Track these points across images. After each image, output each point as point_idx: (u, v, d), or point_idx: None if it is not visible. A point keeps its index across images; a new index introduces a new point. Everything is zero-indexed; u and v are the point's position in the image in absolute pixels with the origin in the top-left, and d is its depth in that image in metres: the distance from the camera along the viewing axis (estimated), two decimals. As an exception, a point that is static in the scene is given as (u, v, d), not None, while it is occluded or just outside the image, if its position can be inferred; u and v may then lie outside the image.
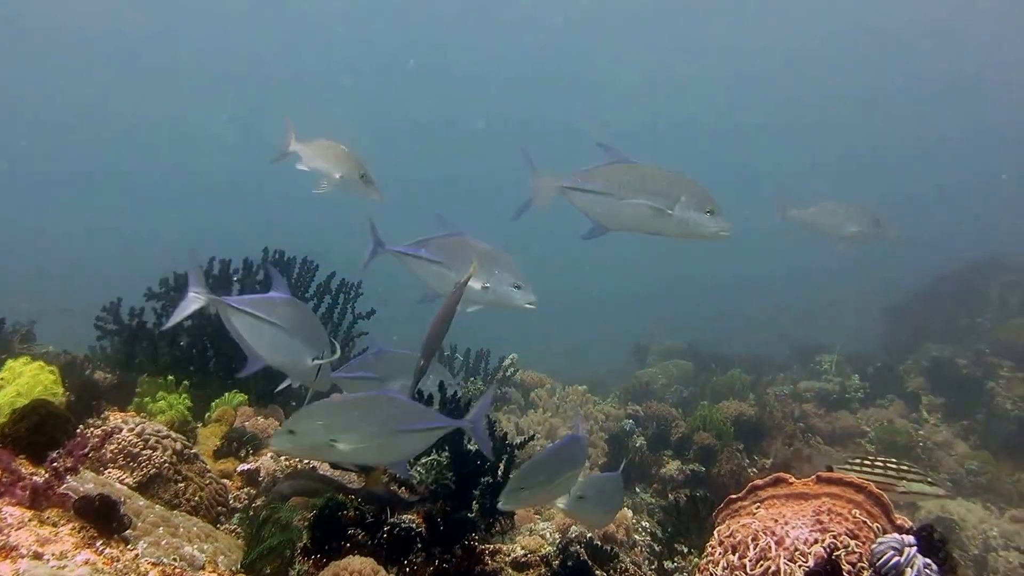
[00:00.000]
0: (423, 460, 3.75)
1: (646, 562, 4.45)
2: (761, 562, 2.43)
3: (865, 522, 2.44)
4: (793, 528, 2.49)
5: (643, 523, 5.46)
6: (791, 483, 2.73)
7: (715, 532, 2.81)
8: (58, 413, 2.80)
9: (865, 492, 2.51)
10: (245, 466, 3.81)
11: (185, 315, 3.24)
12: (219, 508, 3.40)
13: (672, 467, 6.59)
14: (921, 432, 8.66)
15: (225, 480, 3.74)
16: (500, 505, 3.03)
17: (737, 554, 2.54)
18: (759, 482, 2.82)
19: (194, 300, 3.13)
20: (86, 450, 2.76)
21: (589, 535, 4.05)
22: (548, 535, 3.81)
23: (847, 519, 2.46)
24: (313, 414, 2.70)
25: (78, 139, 39.69)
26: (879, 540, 2.29)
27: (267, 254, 4.79)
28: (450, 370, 7.62)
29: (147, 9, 34.74)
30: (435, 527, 3.24)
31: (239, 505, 3.55)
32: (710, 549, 2.73)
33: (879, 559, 2.24)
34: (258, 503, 3.28)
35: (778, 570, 2.39)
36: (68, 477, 2.66)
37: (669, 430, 7.31)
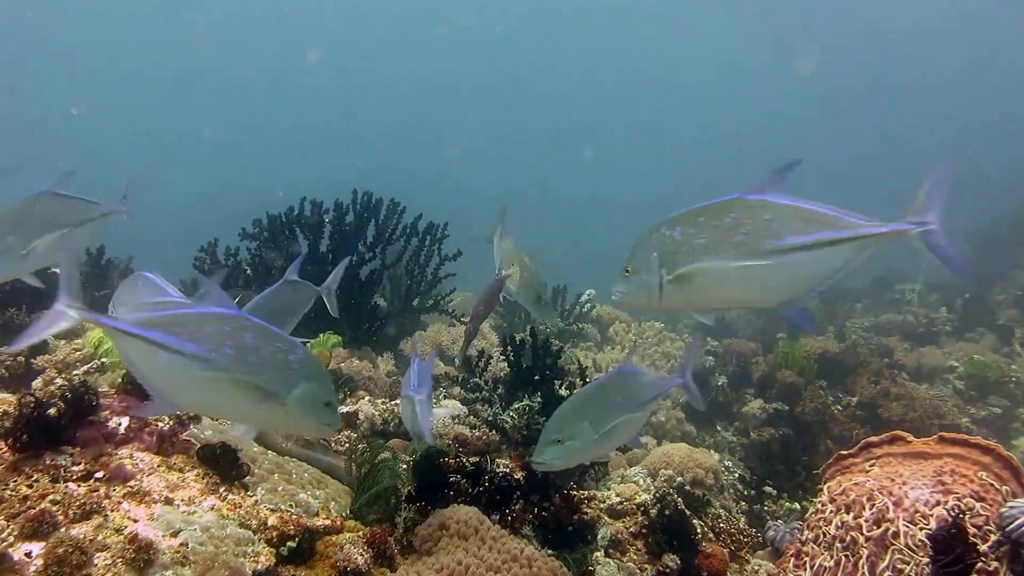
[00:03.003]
0: (515, 406, 3.78)
1: (735, 505, 4.44)
2: (879, 523, 2.38)
3: (992, 484, 2.35)
4: (912, 489, 2.43)
5: (726, 462, 5.45)
6: (909, 441, 2.65)
7: (824, 488, 2.77)
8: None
9: (994, 454, 2.42)
10: (343, 408, 3.89)
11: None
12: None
13: (754, 405, 6.52)
14: (1014, 367, 8.32)
15: (325, 423, 3.83)
16: (534, 465, 2.49)
17: (852, 513, 2.50)
18: (874, 439, 2.74)
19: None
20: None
21: (678, 480, 4.05)
22: (641, 481, 3.82)
23: (972, 481, 2.38)
24: (639, 247, 2.11)
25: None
26: (1011, 504, 2.21)
27: (356, 196, 4.80)
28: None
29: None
30: (533, 475, 3.27)
31: (340, 449, 3.64)
32: (820, 506, 2.69)
33: (1010, 523, 2.16)
34: (361, 449, 3.35)
35: (897, 532, 2.34)
36: (190, 424, 2.75)
37: (750, 367, 7.22)
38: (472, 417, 3.99)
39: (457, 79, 40.79)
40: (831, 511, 2.58)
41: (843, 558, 2.42)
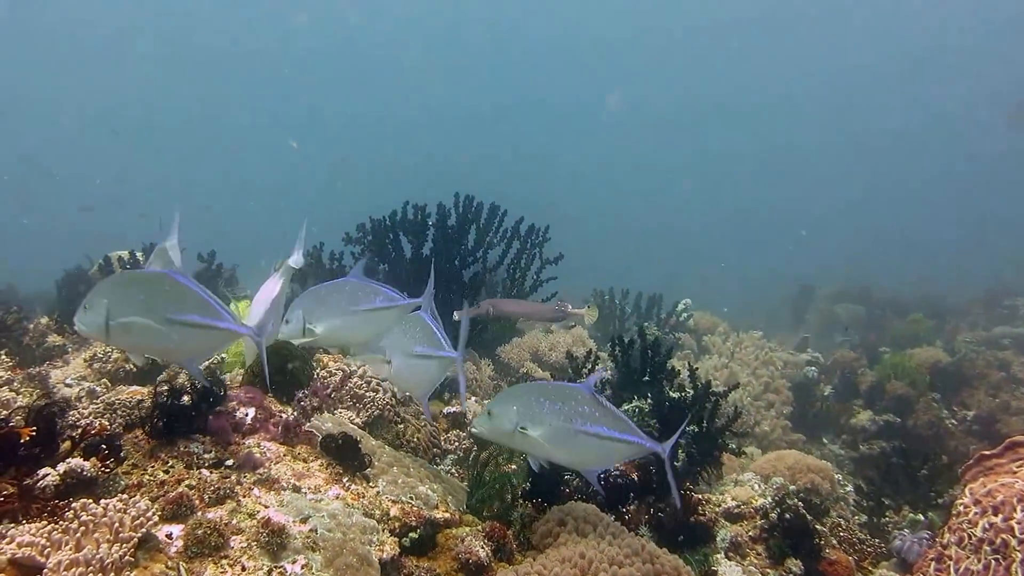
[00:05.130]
0: (624, 407, 3.72)
1: (852, 516, 4.25)
2: (1034, 526, 2.23)
3: None
4: (1070, 490, 2.26)
5: (835, 476, 5.23)
6: (1062, 441, 2.47)
7: (966, 490, 2.61)
8: (299, 354, 2.95)
9: None
10: (450, 408, 3.92)
11: None
12: (434, 450, 3.52)
13: (863, 417, 6.24)
14: None
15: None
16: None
17: (1001, 515, 2.34)
18: (1020, 439, 2.58)
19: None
20: (329, 390, 2.90)
21: (792, 487, 3.91)
22: (756, 486, 3.70)
23: None
24: (509, 396, 2.54)
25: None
26: None
27: (458, 199, 4.85)
28: (621, 316, 7.54)
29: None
30: (648, 475, 3.21)
31: (449, 447, 3.66)
32: (963, 508, 2.53)
33: None
34: (475, 449, 3.37)
35: (1056, 535, 2.18)
36: (312, 416, 2.81)
37: (855, 378, 6.94)
38: (578, 419, 3.94)
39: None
40: (975, 513, 2.43)
41: (992, 561, 2.27)
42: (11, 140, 31.87)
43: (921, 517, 3.94)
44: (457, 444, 3.68)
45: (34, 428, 2.28)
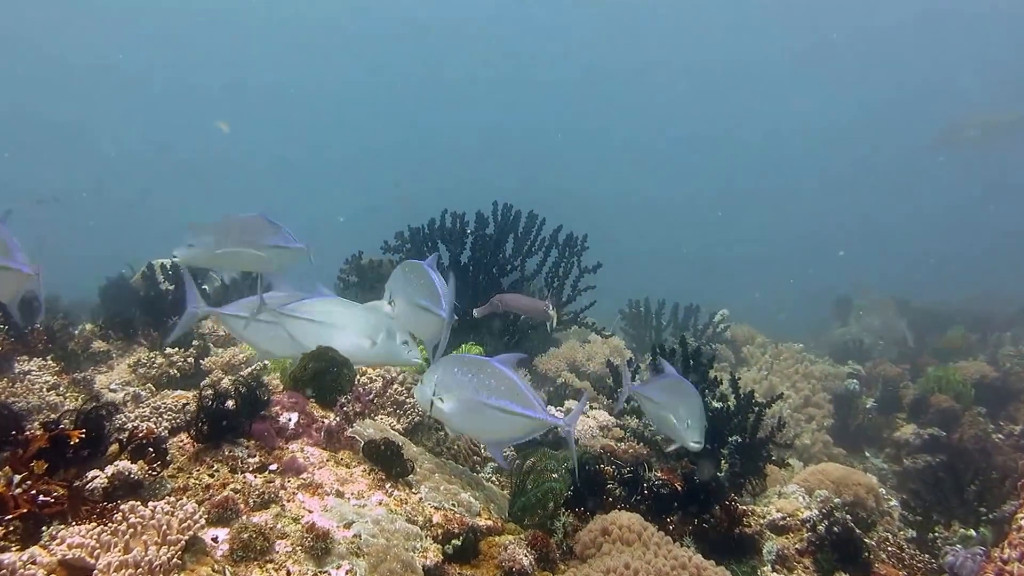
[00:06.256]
0: (665, 416, 3.67)
1: (899, 531, 4.14)
2: (1101, 541, 2.14)
3: None
4: None
5: (880, 490, 5.11)
6: None
7: (1026, 504, 2.53)
8: (342, 360, 2.95)
9: None
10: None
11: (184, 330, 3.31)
12: (474, 458, 3.50)
13: (907, 431, 6.10)
14: None
15: (473, 430, 3.84)
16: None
17: (1065, 530, 2.26)
18: (1083, 451, 2.49)
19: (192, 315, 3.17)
20: (371, 396, 2.90)
21: (837, 500, 3.83)
22: (801, 498, 3.62)
23: None
24: (435, 366, 2.69)
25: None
26: None
27: (496, 208, 4.84)
28: (657, 327, 7.47)
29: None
30: (692, 486, 3.16)
31: (489, 454, 3.63)
32: (1023, 522, 2.45)
33: None
34: (512, 456, 3.33)
35: (1125, 552, 2.09)
36: (355, 421, 2.81)
37: (898, 391, 6.80)
38: (619, 429, 3.91)
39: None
40: (1038, 528, 2.35)
41: (1058, 579, 2.19)
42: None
43: (972, 532, 3.83)
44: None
45: (83, 431, 2.30)
